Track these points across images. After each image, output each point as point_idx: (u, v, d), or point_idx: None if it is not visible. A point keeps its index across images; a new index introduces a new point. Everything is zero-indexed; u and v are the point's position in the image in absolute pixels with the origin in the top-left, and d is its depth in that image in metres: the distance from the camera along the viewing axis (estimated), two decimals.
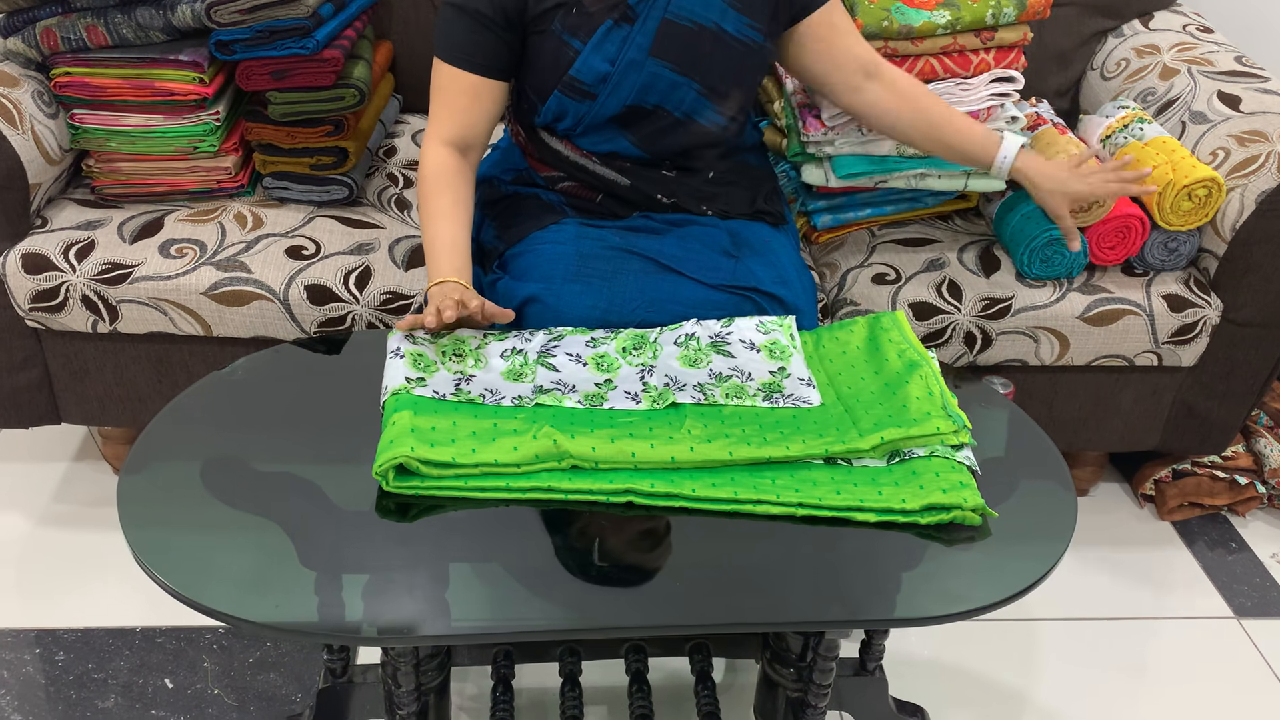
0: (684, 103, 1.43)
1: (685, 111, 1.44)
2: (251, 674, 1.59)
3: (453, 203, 1.38)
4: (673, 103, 1.43)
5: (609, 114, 1.43)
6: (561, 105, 1.42)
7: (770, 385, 1.26)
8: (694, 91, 1.42)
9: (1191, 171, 1.63)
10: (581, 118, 1.43)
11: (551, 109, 1.43)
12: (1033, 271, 1.69)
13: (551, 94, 1.42)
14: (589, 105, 1.41)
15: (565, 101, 1.42)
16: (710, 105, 1.44)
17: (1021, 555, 1.11)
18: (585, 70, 1.39)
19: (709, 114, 1.45)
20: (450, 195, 1.38)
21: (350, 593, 1.02)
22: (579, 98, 1.41)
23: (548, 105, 1.43)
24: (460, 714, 1.54)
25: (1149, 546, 1.94)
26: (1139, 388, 1.80)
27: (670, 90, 1.41)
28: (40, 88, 1.66)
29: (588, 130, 1.45)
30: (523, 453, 1.11)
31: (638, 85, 1.40)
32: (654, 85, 1.41)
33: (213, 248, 1.64)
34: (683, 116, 1.44)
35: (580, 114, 1.43)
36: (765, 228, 1.54)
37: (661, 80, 1.40)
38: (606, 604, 1.05)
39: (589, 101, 1.41)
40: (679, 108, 1.43)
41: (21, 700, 1.53)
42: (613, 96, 1.41)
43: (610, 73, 1.39)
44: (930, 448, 1.17)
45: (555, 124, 1.46)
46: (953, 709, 1.60)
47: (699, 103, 1.43)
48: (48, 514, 1.86)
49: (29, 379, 1.71)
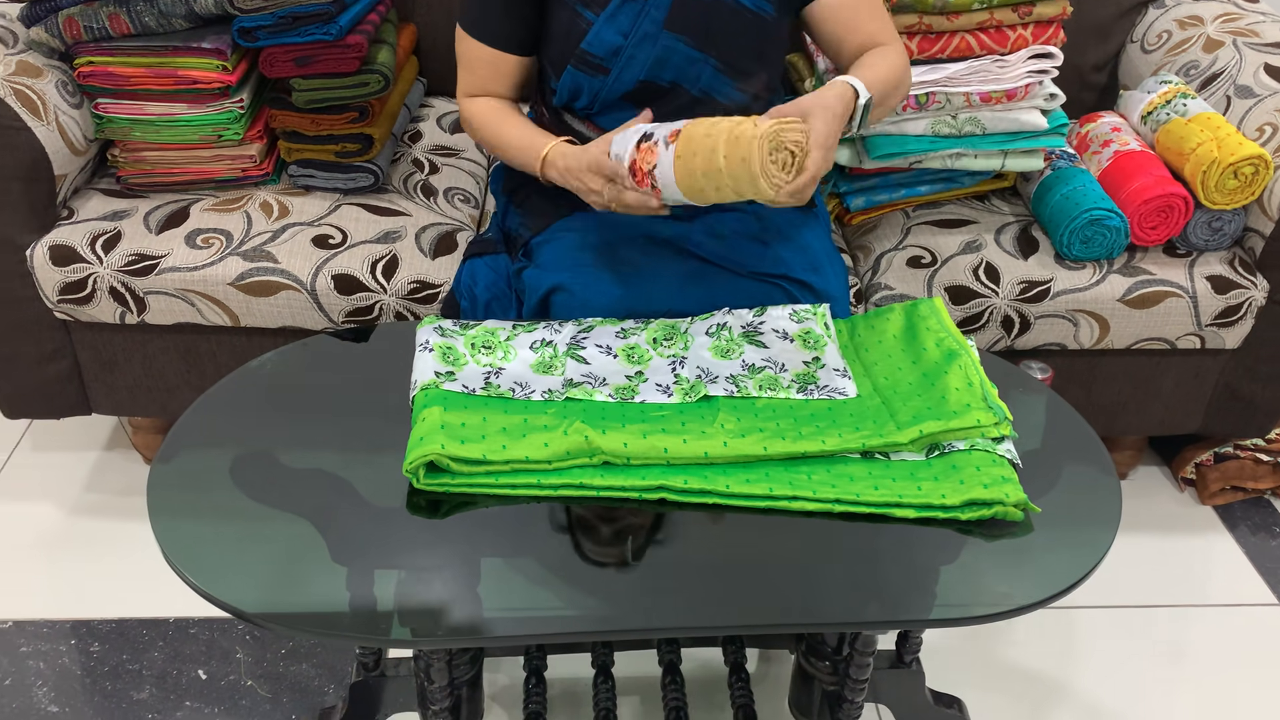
0: (701, 79, 1.40)
1: (703, 89, 1.41)
2: (284, 665, 1.59)
3: (509, 113, 1.43)
4: (689, 79, 1.40)
5: (623, 90, 1.40)
6: (575, 81, 1.40)
7: (804, 376, 1.23)
8: (710, 67, 1.39)
9: (1237, 149, 1.58)
10: (596, 94, 1.41)
11: (566, 85, 1.41)
12: (1072, 253, 1.65)
13: (565, 69, 1.40)
14: (602, 80, 1.39)
15: (579, 77, 1.40)
16: (729, 82, 1.41)
17: (1065, 551, 1.08)
18: (597, 43, 1.36)
19: (728, 91, 1.42)
20: (502, 111, 1.43)
21: (382, 592, 1.01)
22: (592, 72, 1.39)
23: (562, 81, 1.41)
24: (493, 705, 1.54)
25: (1190, 531, 1.91)
26: (1180, 371, 1.76)
27: (686, 66, 1.38)
28: (64, 78, 1.65)
29: (604, 109, 1.43)
30: (553, 449, 1.10)
31: (651, 59, 1.37)
32: (669, 60, 1.38)
33: (239, 237, 1.63)
34: (700, 94, 1.41)
35: (595, 90, 1.40)
36: (795, 212, 1.51)
37: (676, 55, 1.37)
38: (639, 604, 1.03)
39: (602, 76, 1.39)
40: (696, 84, 1.40)
41: (58, 691, 1.54)
42: (626, 71, 1.38)
43: (623, 45, 1.36)
44: (970, 441, 1.14)
45: (572, 103, 1.44)
46: (990, 699, 1.58)
47: (717, 79, 1.40)
48: (80, 504, 1.86)
49: (59, 370, 1.71)
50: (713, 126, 1.16)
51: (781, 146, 1.16)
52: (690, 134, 1.17)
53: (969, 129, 1.64)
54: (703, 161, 1.15)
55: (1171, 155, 1.67)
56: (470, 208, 1.79)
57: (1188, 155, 1.63)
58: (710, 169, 1.15)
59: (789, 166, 1.18)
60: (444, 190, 1.78)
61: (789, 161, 1.18)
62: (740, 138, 1.14)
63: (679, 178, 1.18)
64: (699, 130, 1.17)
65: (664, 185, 1.20)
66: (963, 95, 1.61)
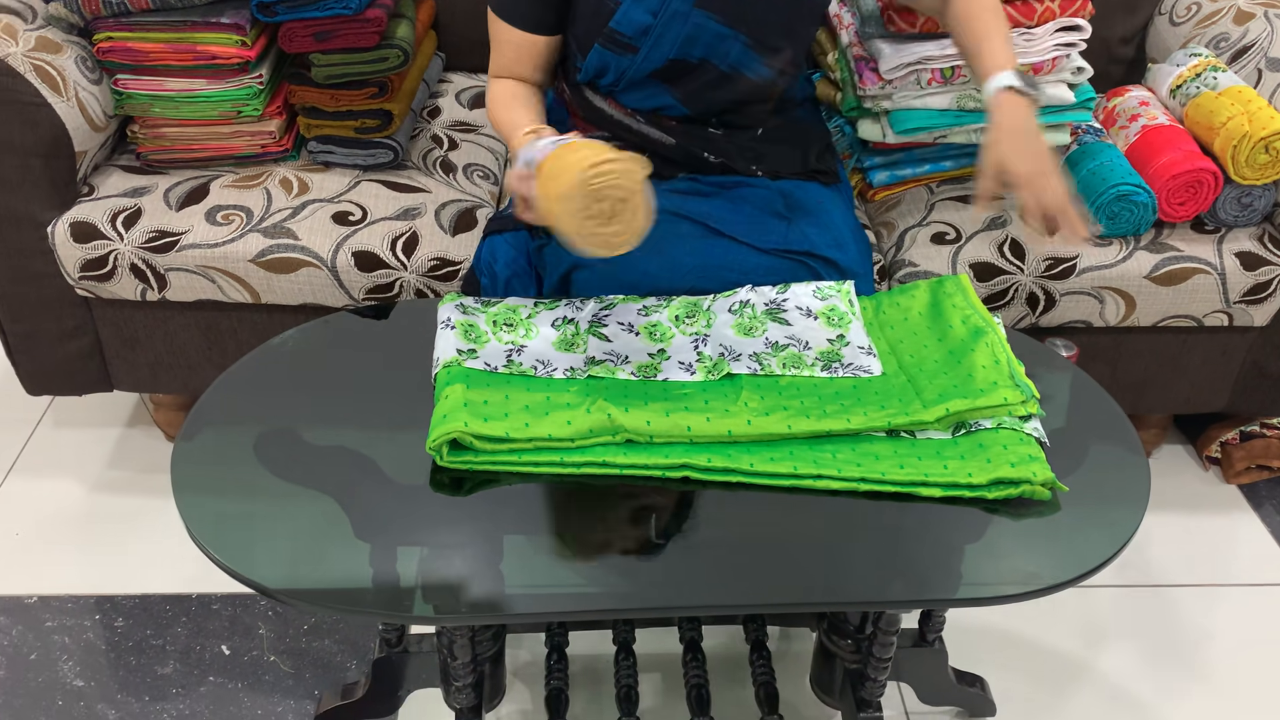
0: (730, 55, 1.38)
1: (731, 65, 1.39)
2: (307, 641, 1.60)
3: (521, 103, 1.41)
4: (718, 55, 1.38)
5: (651, 68, 1.38)
6: (603, 59, 1.39)
7: (829, 354, 1.22)
8: (740, 44, 1.37)
9: (1269, 123, 1.55)
10: (623, 73, 1.39)
11: (593, 64, 1.40)
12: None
13: (592, 47, 1.38)
14: (630, 59, 1.37)
15: (606, 55, 1.38)
16: (758, 58, 1.39)
17: (1092, 530, 1.07)
18: (626, 22, 1.34)
19: (757, 67, 1.40)
20: (517, 99, 1.41)
21: (405, 569, 1.01)
22: (620, 51, 1.37)
23: (589, 60, 1.40)
24: (515, 681, 1.54)
25: (1214, 511, 1.89)
26: (1207, 348, 1.74)
27: (716, 42, 1.37)
28: (83, 53, 1.64)
29: (629, 86, 1.41)
30: (576, 427, 1.09)
31: (681, 37, 1.35)
32: (699, 37, 1.36)
33: (259, 214, 1.62)
34: (729, 70, 1.39)
35: (622, 69, 1.39)
36: (818, 188, 1.49)
37: (706, 32, 1.35)
38: (662, 582, 1.03)
39: (630, 55, 1.37)
40: (725, 60, 1.38)
41: (83, 666, 1.56)
42: (655, 50, 1.36)
43: (652, 25, 1.34)
44: (998, 419, 1.13)
45: (597, 80, 1.43)
46: (1012, 677, 1.58)
47: (746, 55, 1.38)
48: (103, 480, 1.87)
49: (80, 347, 1.72)
50: (558, 160, 1.11)
51: (602, 197, 1.09)
52: (549, 161, 1.13)
53: None
54: (541, 187, 1.13)
55: (1201, 129, 1.65)
56: (490, 184, 1.78)
57: (1218, 129, 1.60)
58: (544, 195, 1.12)
59: (607, 216, 1.10)
60: (463, 166, 1.77)
61: (608, 211, 1.10)
62: (563, 178, 1.08)
63: (537, 199, 1.14)
64: (554, 161, 1.12)
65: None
66: None
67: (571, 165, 1.08)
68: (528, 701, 1.52)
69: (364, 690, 1.43)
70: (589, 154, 1.08)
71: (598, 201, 1.08)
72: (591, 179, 1.07)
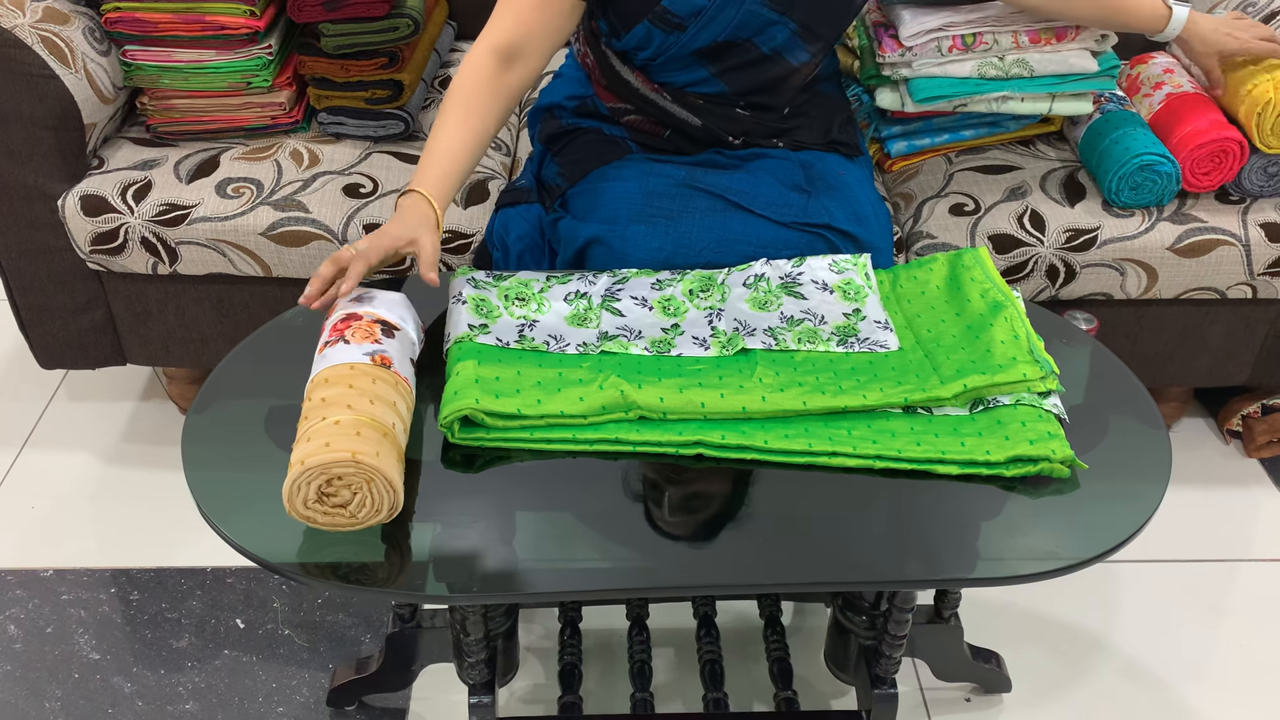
0: (775, 40, 1.36)
1: (774, 48, 1.37)
2: (321, 614, 1.60)
3: (465, 114, 1.28)
4: (764, 39, 1.36)
5: (696, 47, 1.36)
6: (649, 35, 1.36)
7: (844, 329, 1.20)
8: (788, 30, 1.36)
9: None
10: (666, 49, 1.37)
11: (637, 36, 1.37)
12: (1121, 200, 1.60)
13: (639, 23, 1.35)
14: (677, 37, 1.35)
15: (654, 32, 1.36)
16: (802, 45, 1.38)
17: (1112, 507, 1.06)
18: (680, 3, 1.32)
19: (798, 53, 1.39)
20: (462, 110, 1.28)
21: (418, 547, 1.00)
22: (668, 29, 1.35)
23: (633, 32, 1.37)
24: (528, 656, 1.54)
25: (1235, 485, 1.87)
26: (1230, 321, 1.71)
27: (765, 27, 1.35)
28: (91, 24, 1.63)
29: (668, 61, 1.39)
30: (589, 403, 1.08)
31: (734, 22, 1.34)
32: (749, 22, 1.34)
33: (269, 187, 1.61)
34: (770, 53, 1.38)
35: (666, 45, 1.37)
36: (839, 159, 1.47)
37: (758, 18, 1.34)
38: (675, 560, 1.02)
39: (678, 33, 1.35)
40: (769, 44, 1.37)
41: (99, 640, 1.56)
42: (705, 30, 1.34)
43: (706, 7, 1.32)
44: (1016, 395, 1.11)
45: (635, 52, 1.40)
46: (1028, 652, 1.57)
47: (791, 41, 1.37)
48: (118, 453, 1.88)
49: (93, 321, 1.71)
50: (326, 407, 1.00)
51: (332, 479, 0.96)
52: (321, 386, 1.03)
53: (1016, 71, 1.58)
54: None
55: (1226, 97, 1.61)
56: (502, 155, 1.76)
57: (1243, 97, 1.57)
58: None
59: (334, 501, 0.98)
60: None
61: (334, 497, 0.98)
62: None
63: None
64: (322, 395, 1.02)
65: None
66: (1010, 35, 1.56)
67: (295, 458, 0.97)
68: (541, 676, 1.52)
69: (378, 664, 1.43)
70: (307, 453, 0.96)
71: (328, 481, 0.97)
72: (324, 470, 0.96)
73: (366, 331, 1.09)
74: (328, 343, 1.09)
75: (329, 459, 0.95)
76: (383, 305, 1.14)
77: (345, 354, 1.06)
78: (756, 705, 1.49)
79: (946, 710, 1.50)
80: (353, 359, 1.05)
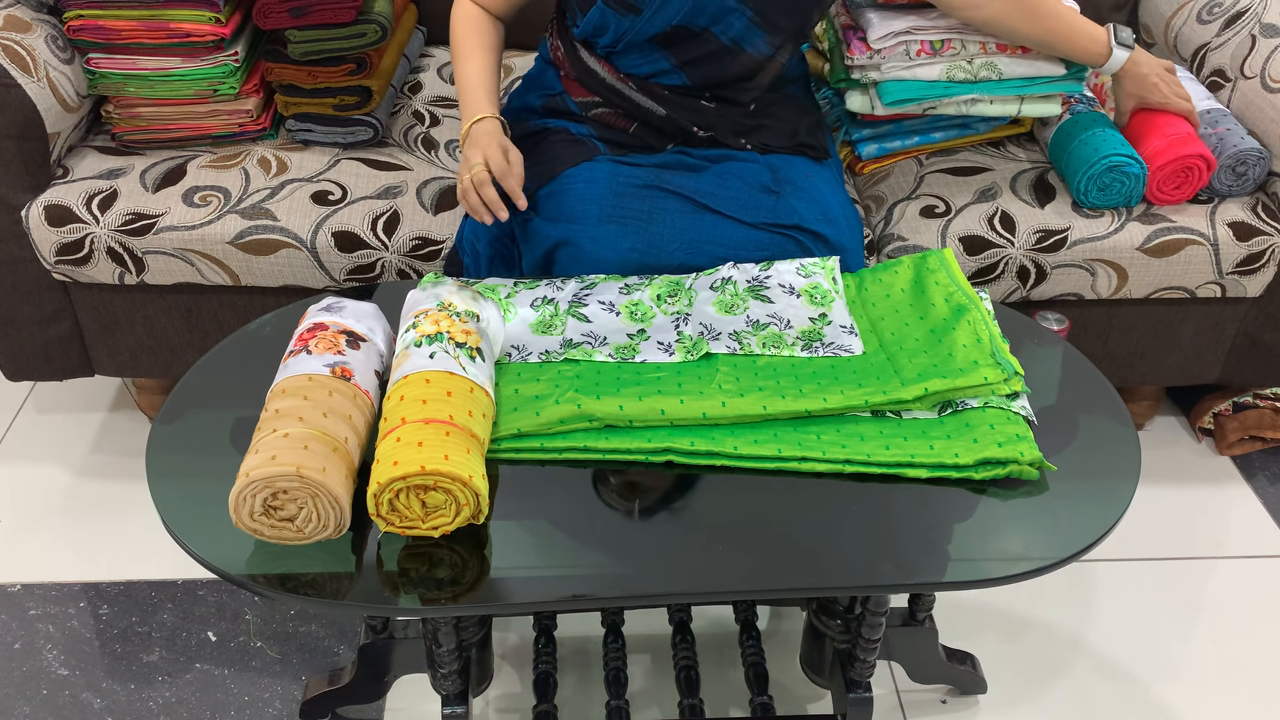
0: (733, 29, 1.36)
1: (733, 38, 1.37)
2: (293, 626, 1.59)
3: (481, 44, 1.42)
4: (721, 27, 1.36)
5: (653, 32, 1.36)
6: (603, 18, 1.36)
7: (810, 333, 1.20)
8: (746, 18, 1.35)
9: None
10: (623, 34, 1.37)
11: (593, 20, 1.38)
12: (1090, 200, 1.61)
13: (594, 5, 1.35)
14: (632, 20, 1.35)
15: (608, 14, 1.36)
16: (761, 35, 1.37)
17: (1083, 508, 1.06)
18: None
19: (758, 43, 1.38)
20: (478, 36, 1.43)
21: (387, 558, 0.99)
22: (623, 11, 1.35)
23: (589, 16, 1.37)
24: (503, 664, 1.53)
25: (1207, 482, 1.88)
26: (1200, 320, 1.72)
27: (721, 14, 1.35)
28: (54, 32, 1.61)
29: (628, 49, 1.39)
30: (545, 419, 1.07)
31: (688, 5, 1.34)
32: (704, 7, 1.34)
33: (237, 195, 1.59)
34: (730, 43, 1.37)
35: (622, 30, 1.36)
36: (807, 162, 1.47)
37: (713, 4, 1.33)
38: (649, 569, 1.02)
39: (633, 16, 1.35)
40: (727, 34, 1.36)
41: (68, 654, 1.54)
42: (659, 14, 1.34)
43: None
44: (984, 398, 1.11)
45: (595, 38, 1.40)
46: (1003, 653, 1.57)
47: (749, 30, 1.36)
48: (87, 465, 1.85)
49: (60, 332, 1.69)
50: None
51: (277, 492, 0.96)
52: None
53: (984, 74, 1.59)
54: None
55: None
56: None
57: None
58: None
59: (281, 515, 0.97)
60: (445, 143, 1.74)
61: (281, 510, 0.97)
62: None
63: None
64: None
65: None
66: (978, 43, 1.56)
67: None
68: (516, 685, 1.51)
69: (351, 676, 1.41)
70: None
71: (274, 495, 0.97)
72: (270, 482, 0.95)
73: (330, 342, 1.08)
74: (291, 352, 1.08)
75: (273, 472, 0.94)
76: (351, 316, 1.13)
77: (305, 365, 1.05)
78: (733, 710, 1.48)
79: (923, 712, 1.50)
80: (312, 370, 1.04)
